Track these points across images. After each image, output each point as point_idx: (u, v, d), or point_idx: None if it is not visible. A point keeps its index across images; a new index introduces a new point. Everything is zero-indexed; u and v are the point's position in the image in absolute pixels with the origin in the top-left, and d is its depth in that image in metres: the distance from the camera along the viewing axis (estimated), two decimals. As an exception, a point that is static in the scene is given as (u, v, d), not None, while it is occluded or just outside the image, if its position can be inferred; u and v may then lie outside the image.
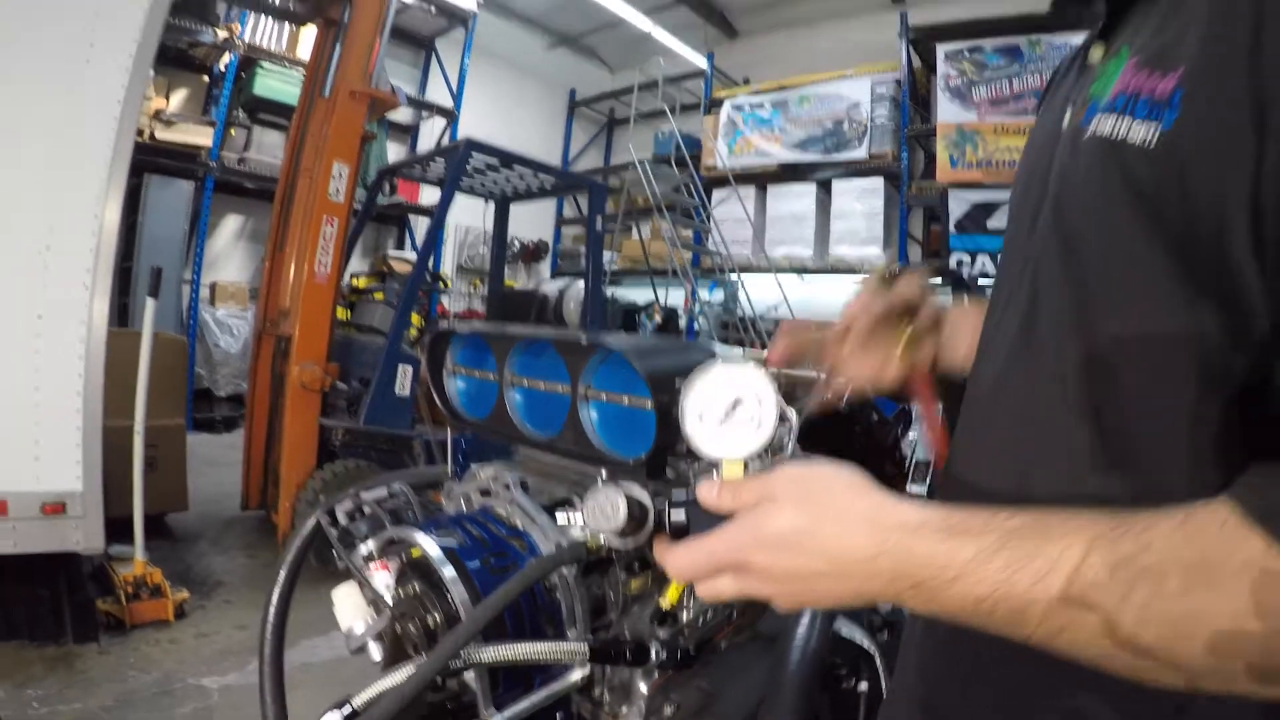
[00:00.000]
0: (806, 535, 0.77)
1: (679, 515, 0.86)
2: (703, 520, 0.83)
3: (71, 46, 4.00)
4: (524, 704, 1.20)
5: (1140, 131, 0.72)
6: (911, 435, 2.21)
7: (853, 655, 1.39)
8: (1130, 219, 0.73)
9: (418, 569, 1.24)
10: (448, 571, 1.17)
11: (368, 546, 1.53)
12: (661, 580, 1.36)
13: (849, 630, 1.38)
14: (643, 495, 0.90)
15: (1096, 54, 0.92)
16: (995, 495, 0.88)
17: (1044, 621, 0.66)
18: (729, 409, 0.85)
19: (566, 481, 1.49)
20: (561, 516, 1.00)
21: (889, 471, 2.14)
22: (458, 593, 1.15)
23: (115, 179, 4.09)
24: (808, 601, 0.81)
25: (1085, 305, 0.80)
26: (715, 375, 0.86)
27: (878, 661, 1.39)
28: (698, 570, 0.83)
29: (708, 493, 0.83)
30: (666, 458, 1.38)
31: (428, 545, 1.20)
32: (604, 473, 1.36)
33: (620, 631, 1.37)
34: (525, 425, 1.61)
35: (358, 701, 1.11)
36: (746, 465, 0.85)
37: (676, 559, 0.84)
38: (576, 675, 1.26)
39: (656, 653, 1.21)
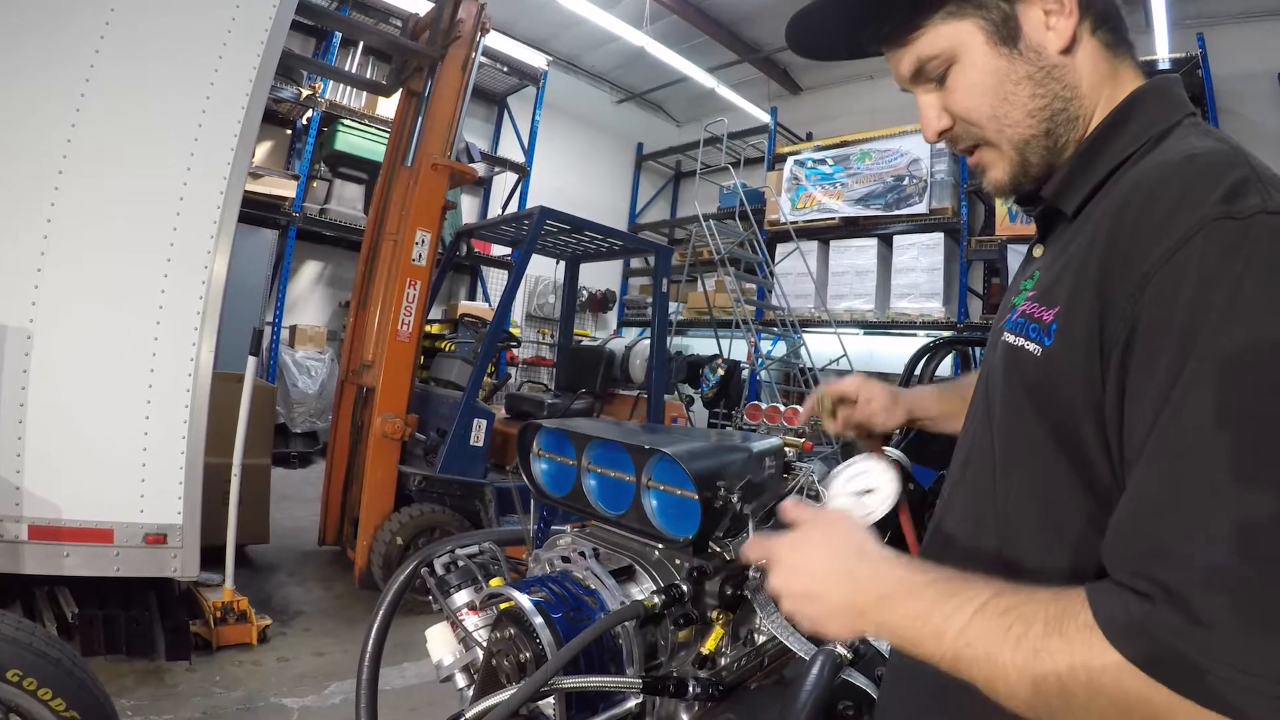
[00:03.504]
0: (814, 545, 1.14)
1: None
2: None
3: (188, 109, 4.28)
4: (591, 725, 1.56)
5: (1031, 346, 1.07)
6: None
7: (858, 698, 1.68)
8: (1024, 404, 1.10)
9: (512, 617, 1.57)
10: (538, 620, 1.51)
11: (465, 596, 1.91)
12: (704, 633, 1.69)
13: (856, 679, 1.67)
14: None
15: (1038, 251, 1.26)
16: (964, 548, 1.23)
17: (957, 639, 0.92)
18: (861, 490, 1.26)
19: (630, 551, 1.83)
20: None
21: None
22: (545, 636, 1.49)
23: (224, 232, 4.33)
24: (812, 601, 1.11)
25: (998, 458, 1.17)
26: (858, 466, 1.26)
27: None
28: (759, 556, 1.21)
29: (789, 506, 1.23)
30: (709, 539, 1.73)
31: (522, 599, 1.55)
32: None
33: (668, 671, 1.69)
34: (598, 504, 1.95)
35: (470, 714, 1.46)
36: None
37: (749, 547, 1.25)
38: (631, 703, 1.59)
39: (693, 688, 1.55)
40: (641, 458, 1.82)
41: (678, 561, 1.77)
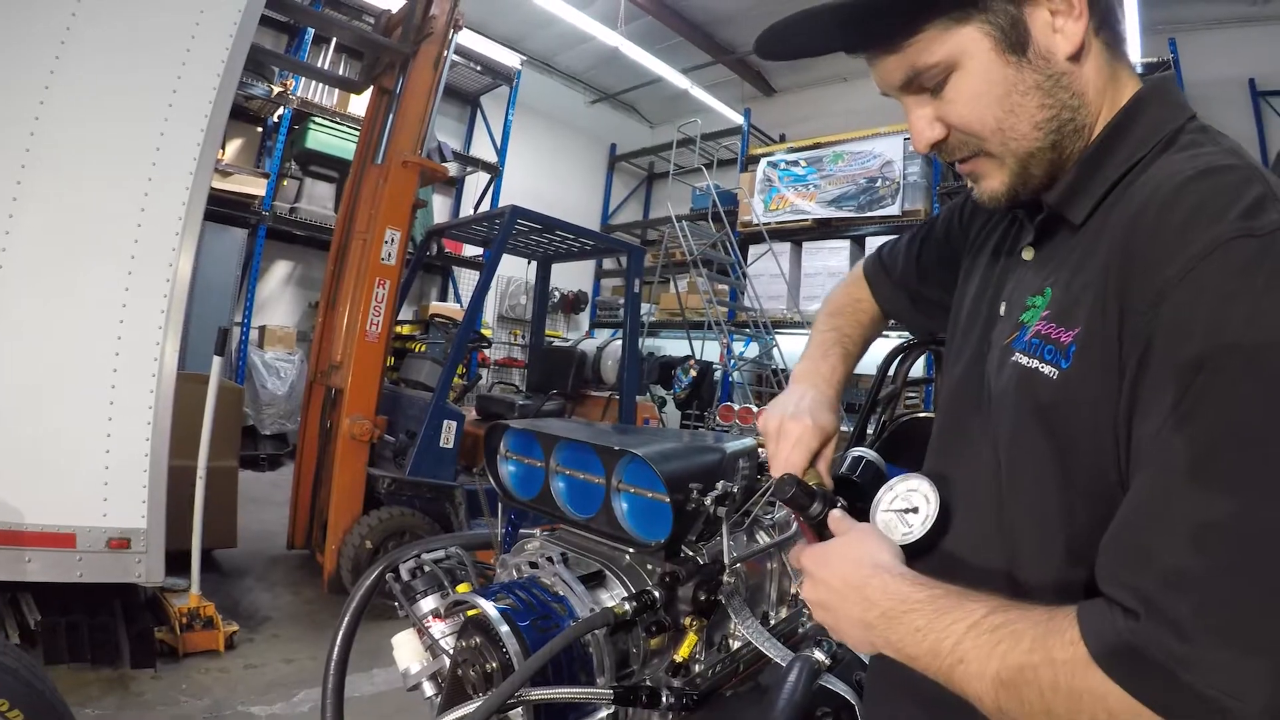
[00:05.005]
0: (835, 558, 1.16)
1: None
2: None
3: (152, 107, 4.23)
4: (561, 737, 1.50)
5: (1047, 369, 1.04)
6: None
7: (836, 705, 1.64)
8: (1035, 426, 1.06)
9: (478, 625, 1.51)
10: (504, 628, 1.45)
11: (431, 602, 1.85)
12: (677, 639, 1.64)
13: (834, 684, 1.63)
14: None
15: (1028, 254, 1.21)
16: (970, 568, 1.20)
17: (950, 654, 0.93)
18: (905, 508, 1.23)
19: (600, 556, 1.78)
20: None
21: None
22: (512, 645, 1.43)
23: (189, 230, 4.30)
24: (828, 612, 1.14)
25: (1005, 479, 1.14)
26: (908, 485, 1.25)
27: (858, 710, 1.63)
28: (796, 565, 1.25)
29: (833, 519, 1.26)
30: (681, 542, 1.68)
31: (488, 607, 1.49)
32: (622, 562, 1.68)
33: (641, 680, 1.64)
34: (567, 507, 1.91)
35: (439, 727, 1.40)
36: None
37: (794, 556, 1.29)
38: (603, 714, 1.53)
39: (667, 698, 1.50)
40: (611, 459, 1.77)
41: (649, 566, 1.72)
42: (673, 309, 13.49)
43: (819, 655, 1.58)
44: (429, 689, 1.78)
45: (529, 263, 8.62)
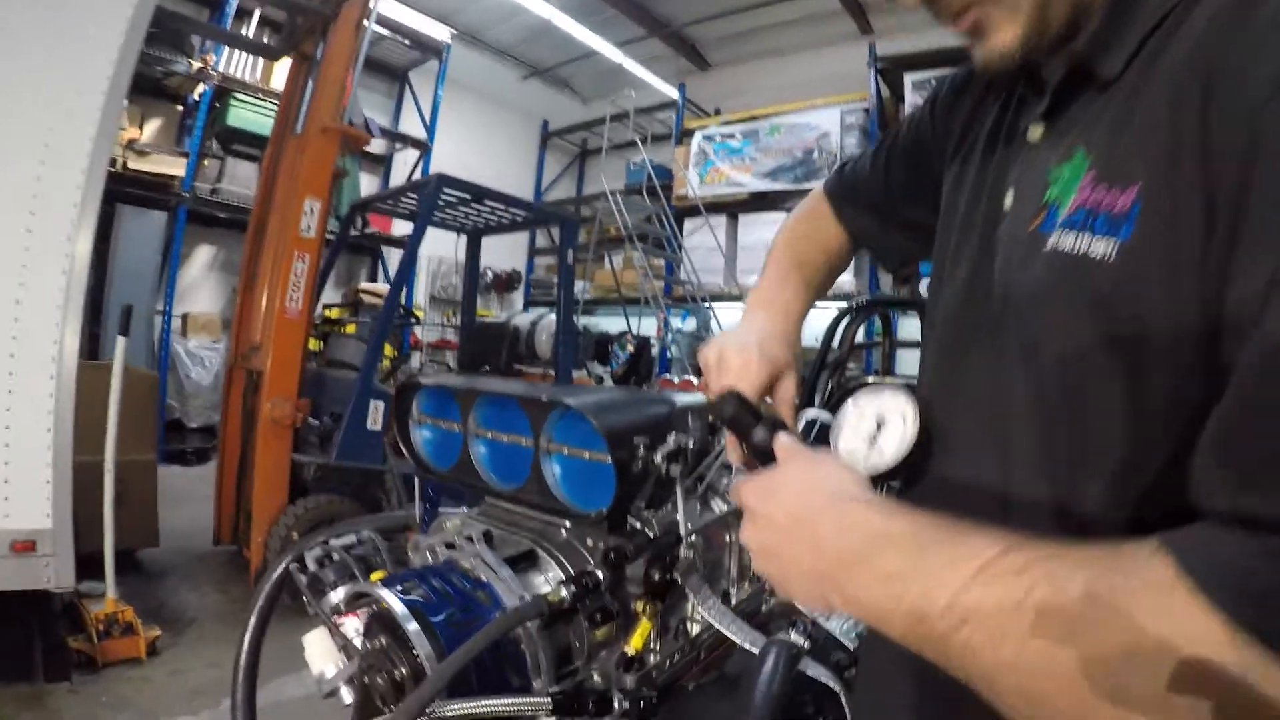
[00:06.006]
0: (782, 489, 0.89)
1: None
2: None
3: (46, 78, 3.98)
4: (492, 756, 1.22)
5: (1100, 247, 0.77)
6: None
7: (818, 694, 1.40)
8: (1087, 327, 0.79)
9: (384, 623, 1.25)
10: (412, 627, 1.18)
11: (336, 596, 1.56)
12: (627, 627, 1.38)
13: (814, 670, 1.39)
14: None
15: (1036, 133, 0.96)
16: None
17: (945, 614, 0.66)
18: (871, 433, 0.97)
19: (531, 532, 1.50)
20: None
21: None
22: (423, 647, 1.16)
23: (87, 211, 4.06)
24: (772, 559, 0.87)
25: (1046, 411, 0.86)
26: (878, 401, 0.99)
27: (843, 699, 1.40)
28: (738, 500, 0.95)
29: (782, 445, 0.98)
30: (627, 511, 1.41)
31: (392, 601, 1.22)
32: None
33: (587, 677, 1.38)
34: (490, 476, 1.63)
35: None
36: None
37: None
38: (543, 723, 1.28)
39: (620, 702, 1.23)
40: (539, 414, 1.50)
41: (590, 542, 1.44)
42: (608, 286, 13.35)
43: (795, 638, 1.33)
44: (348, 695, 1.50)
45: (458, 236, 8.35)
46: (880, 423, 0.95)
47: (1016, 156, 0.99)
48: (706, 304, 12.09)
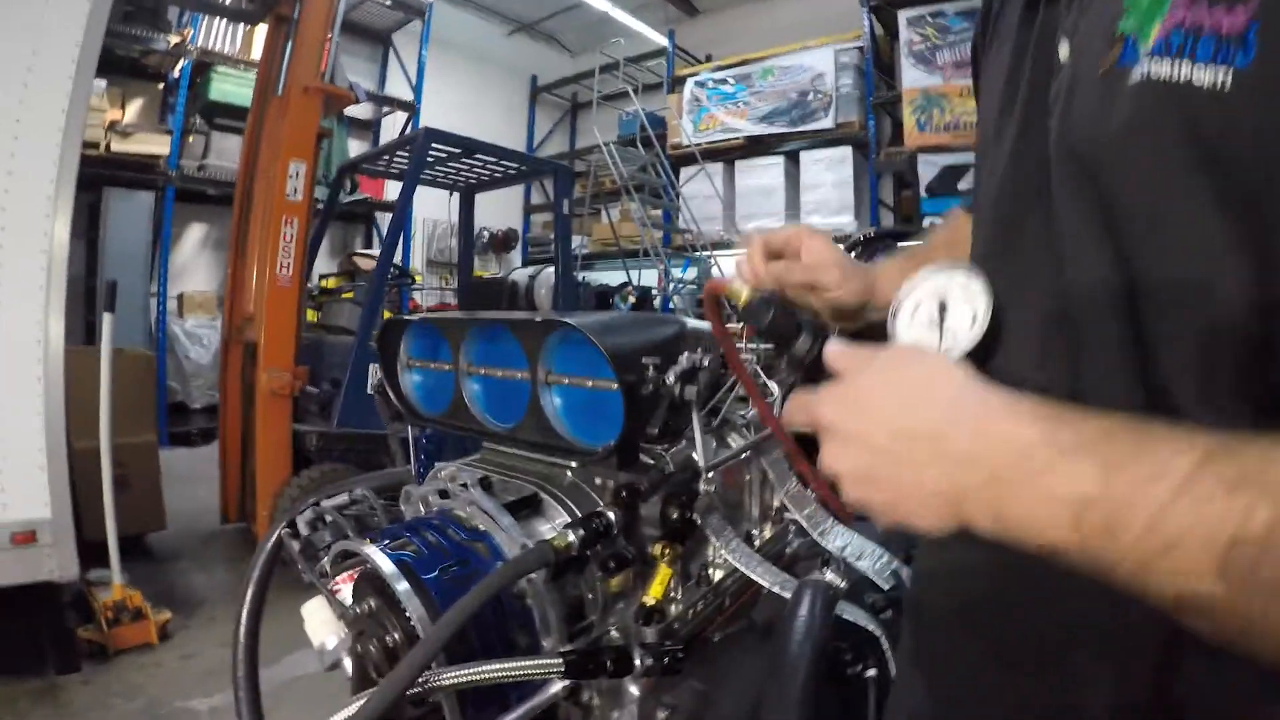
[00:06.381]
0: (877, 400, 0.72)
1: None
2: None
3: (11, 60, 3.87)
4: (501, 725, 1.08)
5: (1206, 75, 0.62)
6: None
7: (857, 640, 1.28)
8: (1190, 176, 0.65)
9: (372, 583, 1.12)
10: (401, 586, 1.04)
11: (327, 559, 1.43)
12: (644, 575, 1.25)
13: (851, 613, 1.26)
14: None
15: None
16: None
17: (1145, 538, 0.55)
18: (936, 313, 0.80)
19: (533, 476, 1.36)
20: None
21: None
22: (414, 608, 1.03)
23: (63, 191, 3.97)
24: (877, 485, 0.71)
25: (1128, 272, 0.72)
26: (935, 282, 0.82)
27: (884, 644, 1.27)
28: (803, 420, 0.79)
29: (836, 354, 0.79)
30: (639, 444, 1.27)
31: (378, 558, 1.08)
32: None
33: (603, 633, 1.26)
34: (485, 417, 1.49)
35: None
36: None
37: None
38: (557, 686, 1.14)
39: (641, 660, 1.10)
40: (535, 341, 1.35)
41: (599, 481, 1.30)
42: (606, 239, 13.25)
43: (832, 578, 1.19)
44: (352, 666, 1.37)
45: (450, 194, 8.21)
46: (943, 305, 0.80)
47: (1066, 6, 0.84)
48: (707, 253, 11.95)
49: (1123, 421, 0.60)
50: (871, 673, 1.30)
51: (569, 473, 1.35)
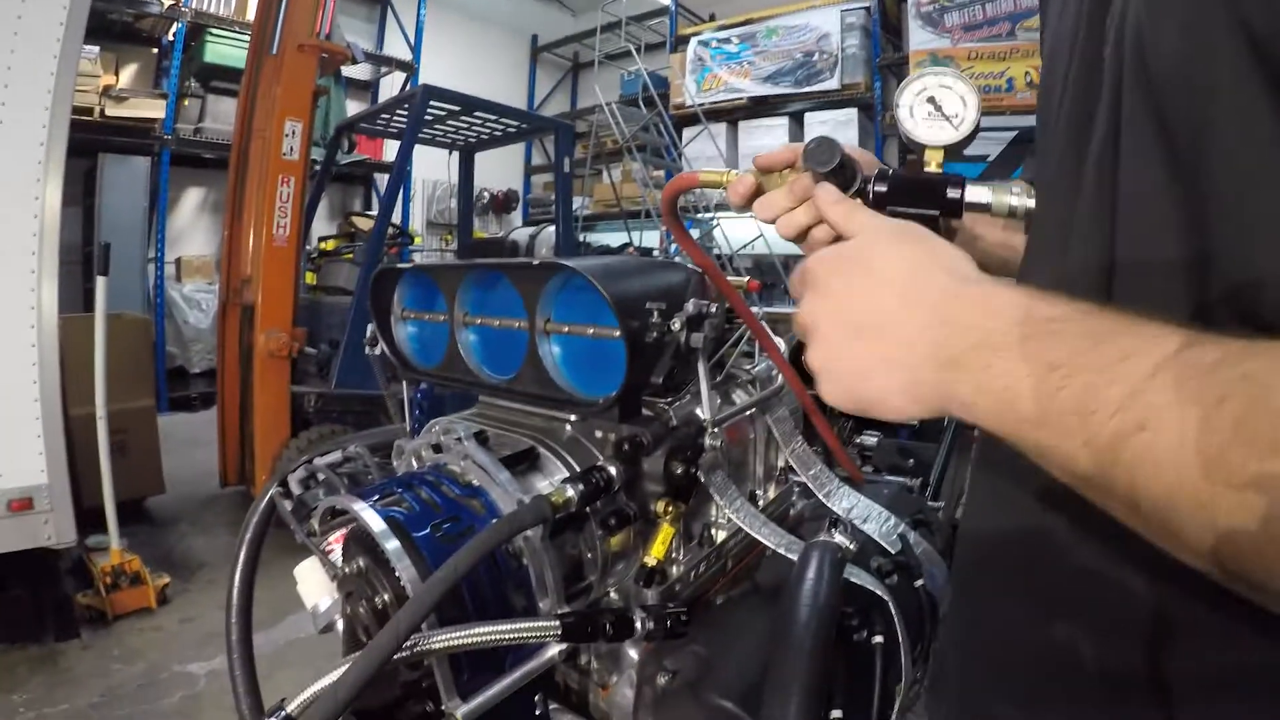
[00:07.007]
0: (882, 255, 0.73)
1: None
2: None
3: None
4: (495, 689, 1.03)
5: None
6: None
7: (864, 604, 1.23)
8: (1255, 78, 0.57)
9: (361, 542, 1.07)
10: (391, 544, 0.99)
11: (315, 518, 1.38)
12: (645, 533, 1.20)
13: (859, 577, 1.21)
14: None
15: None
16: None
17: (1119, 414, 0.51)
18: (933, 108, 0.90)
19: (531, 430, 1.31)
20: None
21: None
22: (404, 568, 0.98)
23: (54, 156, 3.96)
24: (868, 341, 0.70)
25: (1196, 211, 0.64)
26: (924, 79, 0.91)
27: (892, 608, 1.22)
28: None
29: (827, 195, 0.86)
30: (641, 395, 1.21)
31: (366, 515, 1.03)
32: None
33: (603, 594, 1.21)
34: (481, 369, 1.44)
35: (292, 706, 0.94)
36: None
37: None
38: (554, 650, 1.09)
39: (642, 623, 1.05)
40: (533, 287, 1.29)
41: (599, 434, 1.24)
42: (608, 200, 13.15)
43: (840, 539, 1.13)
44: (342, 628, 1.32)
45: (450, 152, 8.15)
46: (934, 101, 0.89)
47: None
48: (710, 214, 11.84)
49: (1111, 308, 0.58)
50: (878, 639, 1.24)
51: (568, 426, 1.30)
